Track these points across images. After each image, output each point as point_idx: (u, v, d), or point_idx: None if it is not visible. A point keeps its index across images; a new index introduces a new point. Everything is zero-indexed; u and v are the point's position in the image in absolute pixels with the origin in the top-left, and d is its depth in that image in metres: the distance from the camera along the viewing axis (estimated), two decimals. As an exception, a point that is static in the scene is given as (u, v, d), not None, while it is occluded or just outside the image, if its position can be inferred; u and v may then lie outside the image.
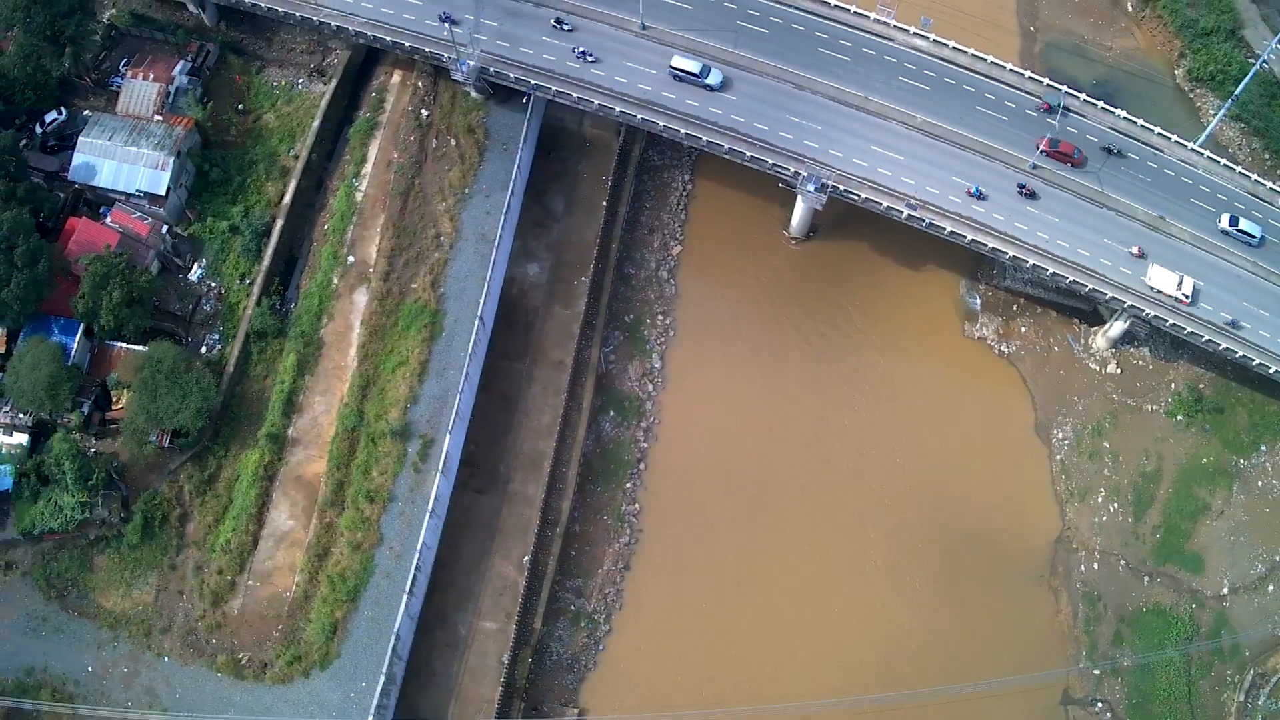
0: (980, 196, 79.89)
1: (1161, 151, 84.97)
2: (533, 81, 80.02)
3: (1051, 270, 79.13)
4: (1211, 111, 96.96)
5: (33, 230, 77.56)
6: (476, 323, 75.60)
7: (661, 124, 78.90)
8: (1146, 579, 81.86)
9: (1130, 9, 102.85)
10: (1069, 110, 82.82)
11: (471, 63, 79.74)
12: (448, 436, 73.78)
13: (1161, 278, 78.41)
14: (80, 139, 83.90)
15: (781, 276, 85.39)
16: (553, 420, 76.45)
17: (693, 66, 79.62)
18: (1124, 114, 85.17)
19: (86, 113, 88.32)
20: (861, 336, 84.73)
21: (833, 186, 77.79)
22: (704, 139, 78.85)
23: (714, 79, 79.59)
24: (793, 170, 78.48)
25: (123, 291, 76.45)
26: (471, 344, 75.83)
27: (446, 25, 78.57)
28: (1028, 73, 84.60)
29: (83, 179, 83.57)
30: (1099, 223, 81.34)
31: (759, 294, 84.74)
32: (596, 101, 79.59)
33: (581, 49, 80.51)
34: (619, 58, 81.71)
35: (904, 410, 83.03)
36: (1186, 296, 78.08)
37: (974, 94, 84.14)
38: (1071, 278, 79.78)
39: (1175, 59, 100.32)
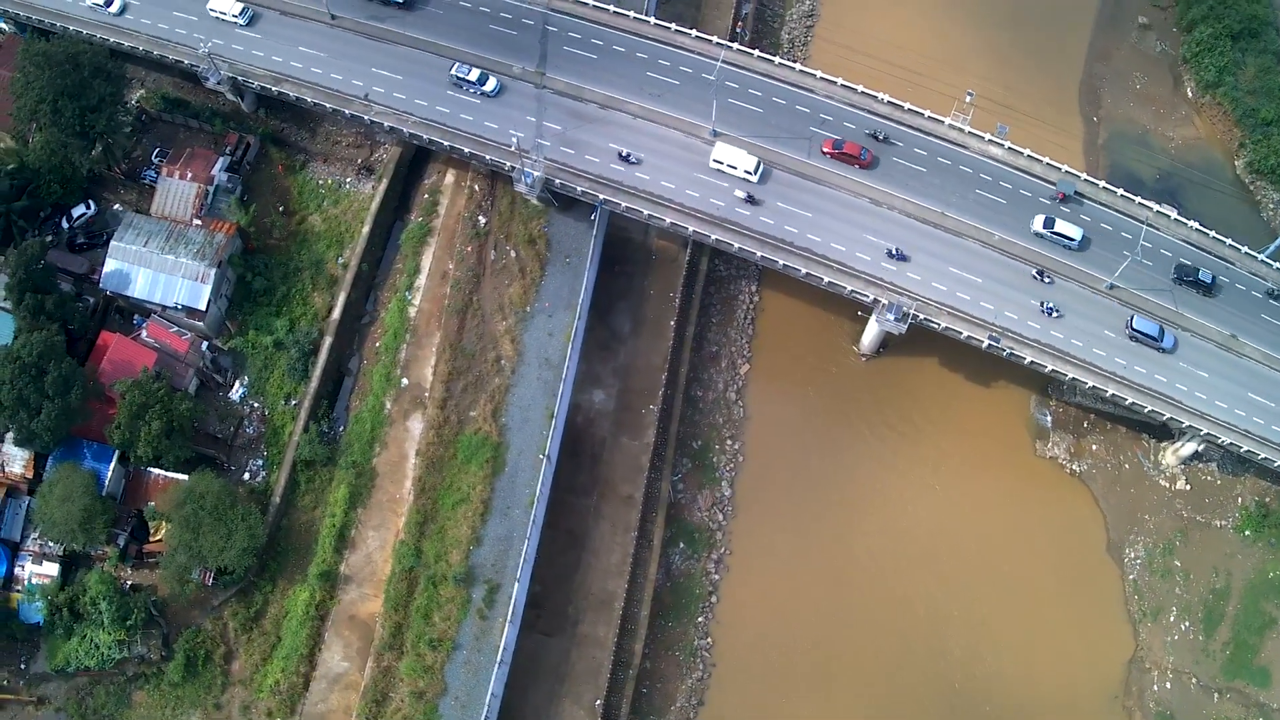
0: (1054, 314, 76.74)
1: (1233, 265, 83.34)
2: (601, 197, 75.65)
3: (1131, 400, 76.41)
4: (1271, 206, 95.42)
5: (64, 353, 72.65)
6: (545, 463, 71.87)
7: (737, 245, 75.04)
8: (1216, 695, 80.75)
9: (1190, 95, 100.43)
10: (1146, 223, 79.02)
11: (536, 173, 75.22)
12: (516, 584, 70.14)
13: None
14: (113, 244, 78.54)
15: (851, 394, 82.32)
16: (623, 559, 73.15)
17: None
18: (1196, 225, 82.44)
19: (117, 207, 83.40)
20: (934, 456, 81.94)
21: (913, 315, 75.38)
22: (780, 262, 75.15)
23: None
24: (871, 297, 75.47)
25: (162, 422, 71.79)
26: (539, 487, 71.80)
27: (516, 145, 73.64)
28: (1064, 167, 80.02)
29: (115, 288, 78.39)
30: (1182, 348, 78.21)
31: (828, 413, 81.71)
32: (669, 219, 75.47)
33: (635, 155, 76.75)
34: (689, 168, 77.68)
35: (977, 533, 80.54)
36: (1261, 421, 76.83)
37: (1050, 209, 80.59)
38: (1150, 407, 78.19)
39: (1236, 149, 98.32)
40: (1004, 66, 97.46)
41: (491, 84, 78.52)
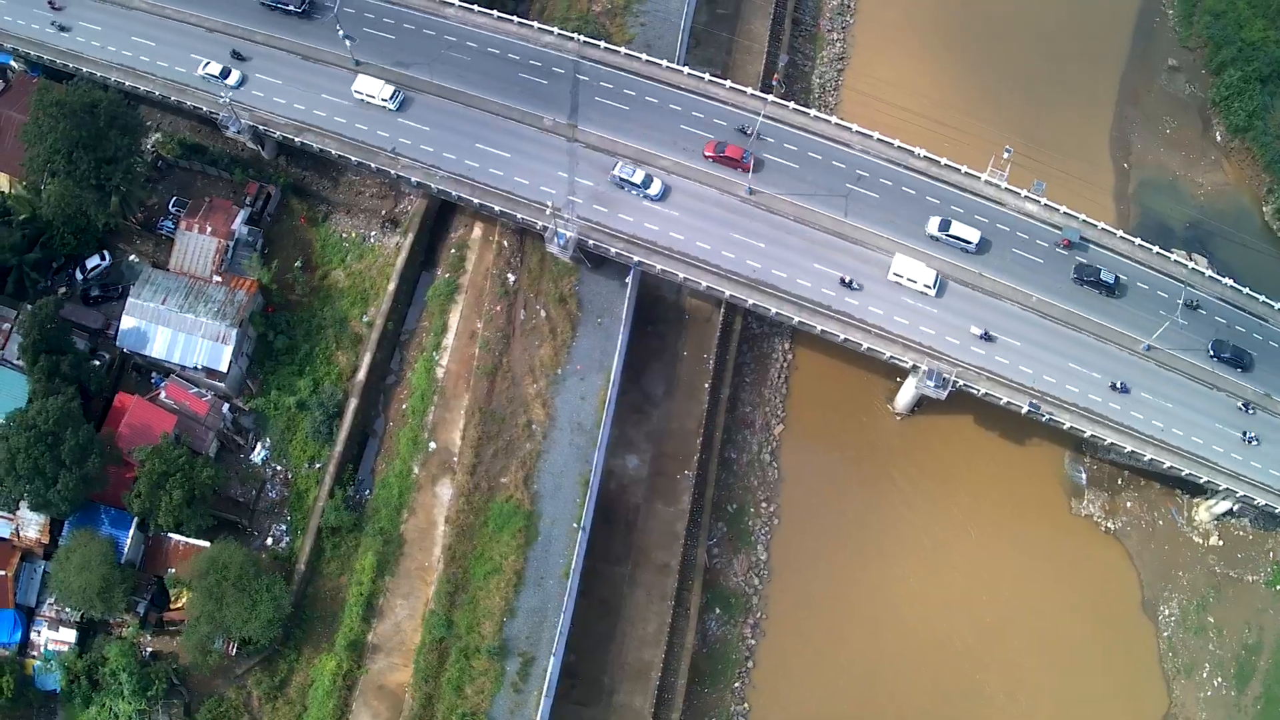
0: (1091, 374, 75.95)
1: (1266, 322, 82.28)
2: (636, 258, 73.81)
3: (1169, 464, 75.42)
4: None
5: (81, 420, 70.20)
6: (581, 534, 70.35)
7: (775, 310, 73.41)
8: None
9: (1219, 139, 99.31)
10: (1190, 289, 77.77)
11: (569, 234, 73.22)
12: (551, 658, 68.58)
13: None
14: (129, 300, 75.97)
15: (886, 454, 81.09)
16: (659, 628, 71.66)
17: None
18: (1231, 283, 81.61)
19: (133, 258, 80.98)
20: (970, 516, 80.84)
21: (954, 381, 74.06)
22: (818, 328, 73.65)
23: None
24: (910, 363, 74.30)
25: (184, 491, 69.63)
26: (574, 559, 70.10)
27: (549, 207, 71.51)
28: (1082, 215, 78.75)
29: (133, 347, 75.98)
30: (1203, 403, 77.81)
31: (863, 473, 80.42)
32: (705, 283, 73.68)
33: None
34: (725, 227, 75.94)
35: (1014, 592, 79.73)
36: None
37: (1084, 261, 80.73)
38: (1188, 470, 77.36)
39: (1264, 195, 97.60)
40: (1035, 110, 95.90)
41: (656, 187, 74.79)
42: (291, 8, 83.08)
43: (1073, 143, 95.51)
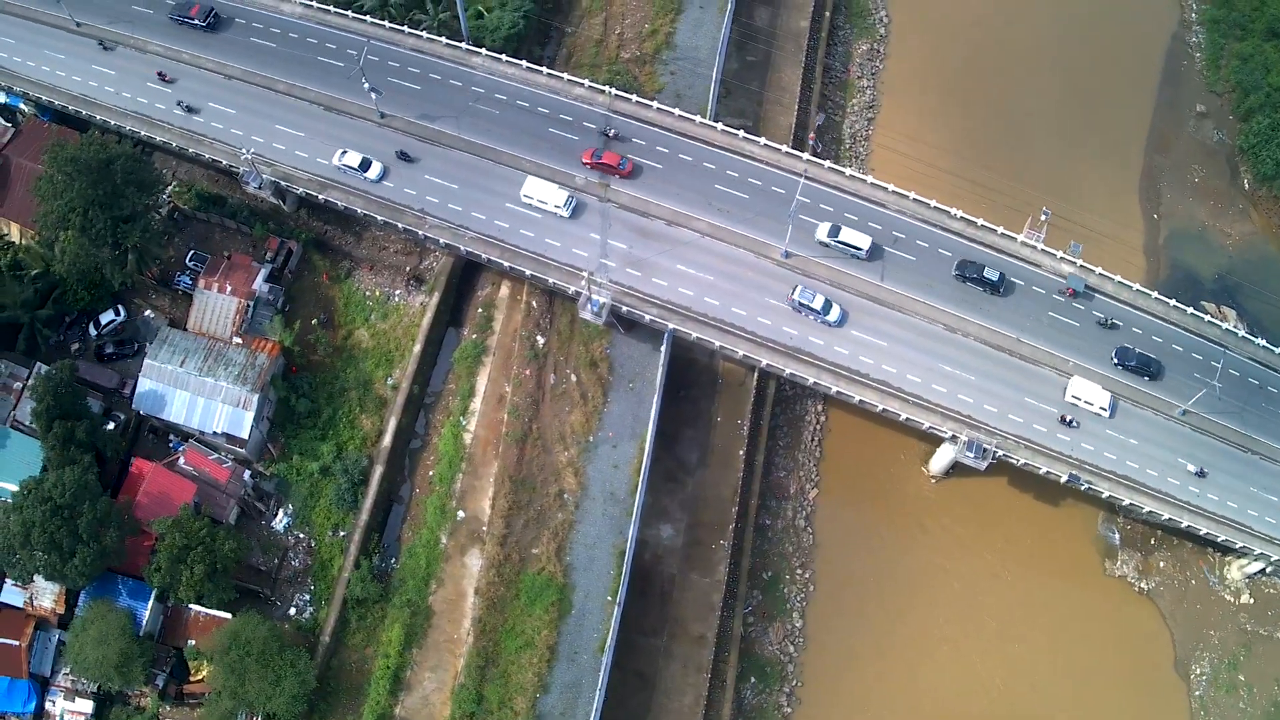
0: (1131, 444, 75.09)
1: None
2: (671, 325, 72.02)
3: (1205, 530, 74.77)
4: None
5: (99, 492, 67.94)
6: (616, 608, 68.78)
7: (812, 380, 71.85)
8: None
9: (1247, 187, 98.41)
10: (1221, 344, 77.25)
11: (602, 299, 71.35)
12: (586, 737, 68.03)
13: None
14: (146, 362, 73.61)
15: (920, 515, 79.85)
16: (695, 700, 70.08)
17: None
18: (1264, 343, 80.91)
19: (149, 314, 78.43)
20: (1006, 579, 79.72)
21: (993, 452, 72.98)
22: (856, 398, 72.14)
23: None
24: (950, 433, 72.91)
25: (205, 565, 67.32)
26: (610, 635, 68.35)
27: (585, 275, 69.80)
28: (1079, 261, 77.60)
29: (149, 410, 73.66)
30: (1239, 467, 76.65)
31: (898, 537, 79.20)
32: (741, 351, 72.07)
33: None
34: (760, 292, 74.26)
35: (1050, 655, 78.72)
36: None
37: (1121, 330, 78.68)
38: (1224, 536, 76.68)
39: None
40: (1064, 160, 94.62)
41: (835, 314, 72.34)
42: (197, 22, 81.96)
43: (1102, 194, 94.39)
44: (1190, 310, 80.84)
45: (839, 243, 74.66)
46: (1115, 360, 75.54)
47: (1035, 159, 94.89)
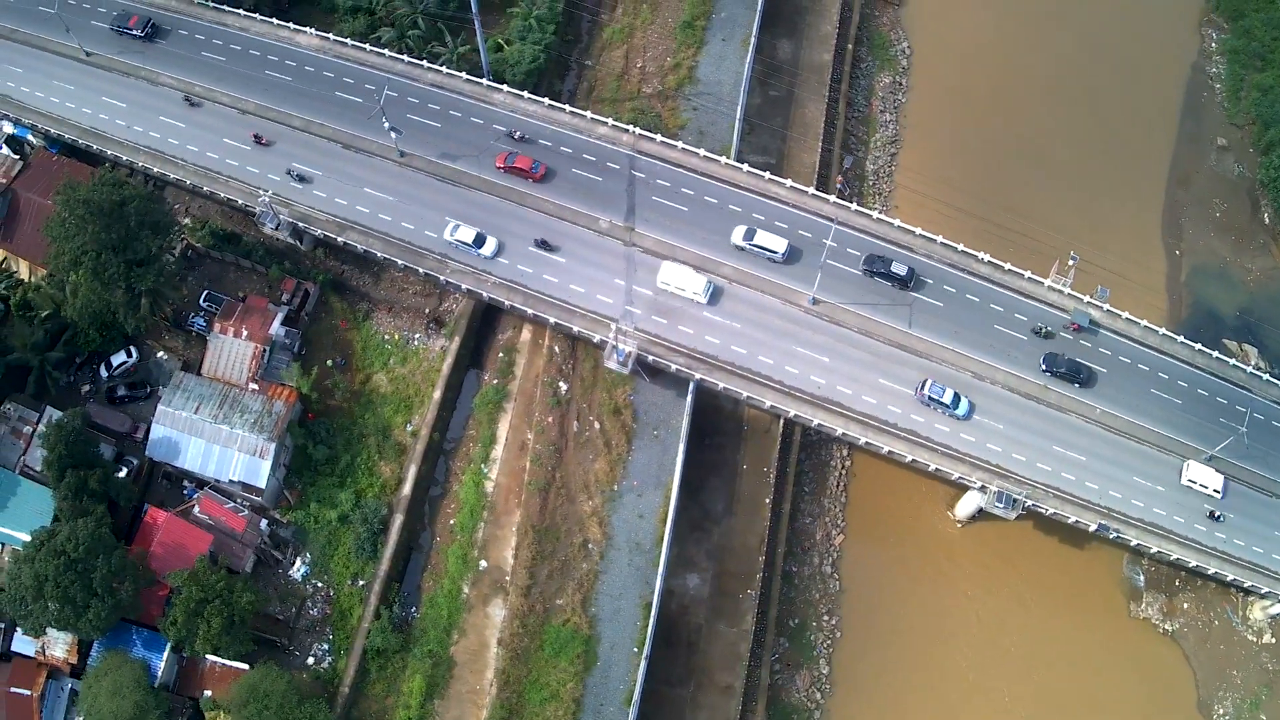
0: (1157, 489, 74.34)
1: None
2: (698, 375, 70.77)
3: (1232, 577, 74.53)
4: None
5: (113, 544, 66.32)
6: (643, 662, 67.63)
7: (840, 430, 70.88)
8: None
9: (1268, 221, 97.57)
10: (1247, 388, 76.61)
11: (628, 348, 70.17)
12: (612, 793, 67.01)
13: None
14: (160, 408, 71.99)
15: (946, 560, 78.99)
16: (721, 753, 70.18)
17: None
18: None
19: (161, 355, 76.63)
20: (1032, 621, 79.09)
21: (1023, 503, 72.09)
22: (886, 448, 71.10)
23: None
24: (979, 484, 72.06)
25: (222, 619, 65.96)
26: (636, 688, 67.30)
27: (613, 325, 68.56)
28: (1087, 296, 77.14)
29: (163, 457, 72.13)
30: (1269, 512, 76.08)
31: (924, 581, 78.39)
32: (769, 401, 71.04)
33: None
34: (789, 340, 72.92)
35: (1075, 695, 77.99)
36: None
37: (1148, 374, 77.93)
38: (1250, 583, 76.15)
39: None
40: (1086, 196, 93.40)
41: (963, 406, 71.19)
42: (136, 32, 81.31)
43: (1125, 231, 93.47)
44: (1216, 354, 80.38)
45: (754, 245, 73.89)
46: (1044, 367, 74.38)
47: (1057, 195, 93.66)
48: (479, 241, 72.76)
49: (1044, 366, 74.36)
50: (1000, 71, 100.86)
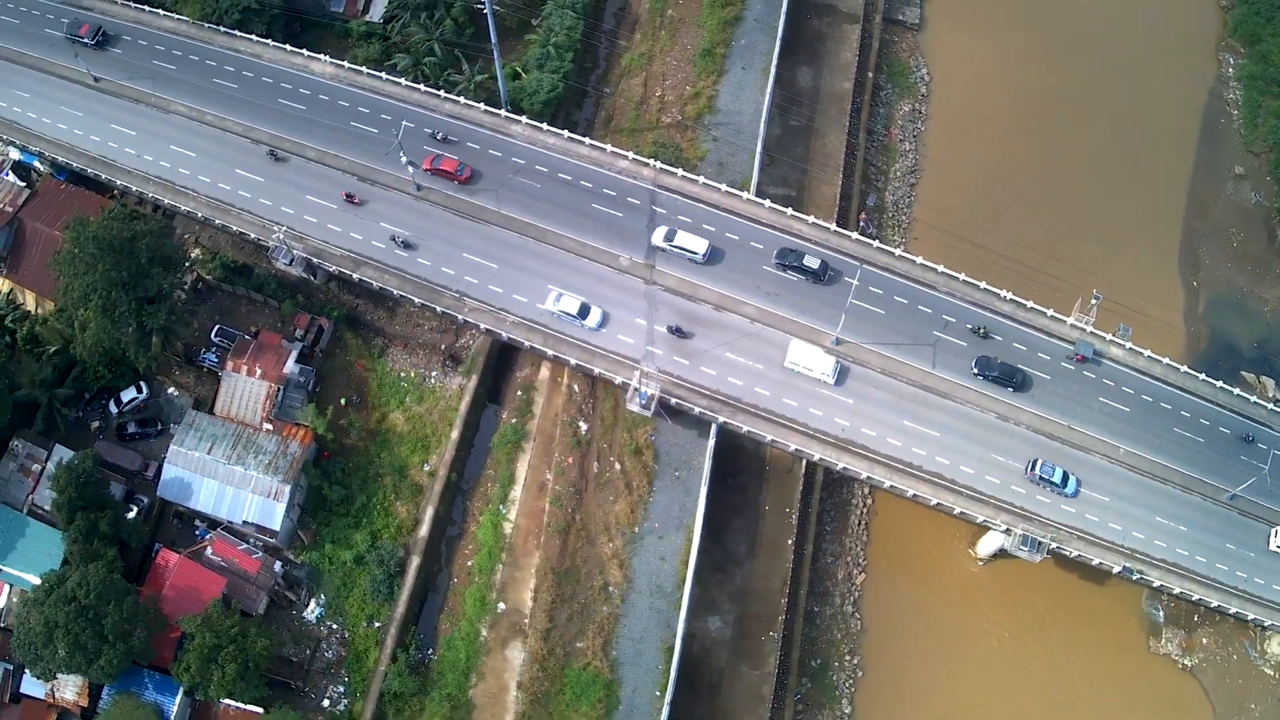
0: (1181, 528, 73.89)
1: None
2: (721, 418, 69.71)
3: (1253, 616, 73.64)
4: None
5: (125, 589, 65.01)
6: (666, 706, 66.54)
7: (865, 474, 69.98)
8: None
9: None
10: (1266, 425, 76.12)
11: (650, 391, 69.12)
12: (634, 842, 66.17)
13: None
14: (172, 448, 70.67)
15: (967, 597, 78.33)
16: (742, 800, 69.41)
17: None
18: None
19: (172, 391, 75.18)
20: (1052, 658, 78.23)
21: (1048, 545, 71.54)
22: (911, 492, 70.15)
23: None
24: (1004, 526, 71.33)
25: (237, 664, 64.64)
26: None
27: (638, 370, 67.33)
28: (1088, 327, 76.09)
29: (175, 498, 70.78)
30: None
31: (945, 619, 77.57)
32: (793, 445, 69.95)
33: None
34: (811, 381, 70.96)
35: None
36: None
37: (1170, 412, 77.21)
38: (1270, 621, 75.66)
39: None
40: (1104, 226, 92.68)
41: (1072, 485, 70.62)
42: (86, 40, 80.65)
43: (1143, 261, 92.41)
44: (1237, 391, 79.71)
45: (674, 246, 73.08)
46: (975, 370, 73.16)
47: (1073, 225, 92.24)
48: (583, 312, 70.08)
49: (975, 370, 72.88)
50: (1017, 97, 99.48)
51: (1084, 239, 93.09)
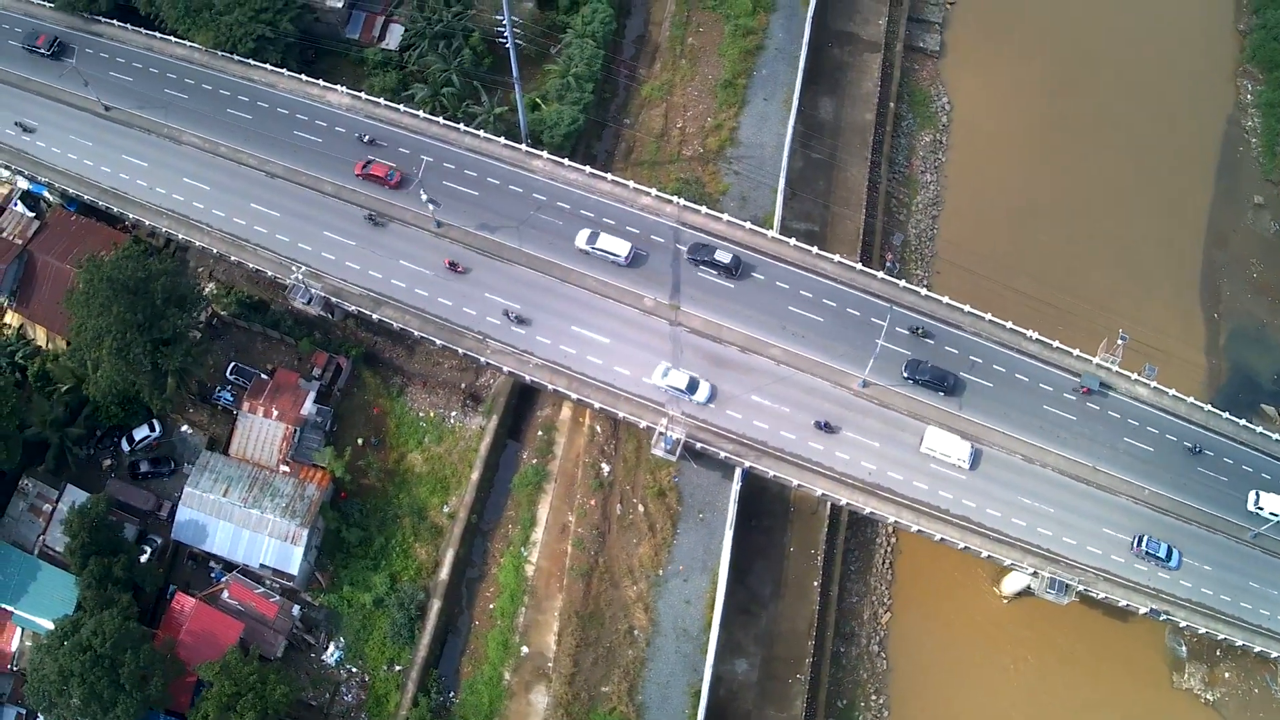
0: (1204, 568, 73.21)
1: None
2: (748, 463, 68.81)
3: (1276, 655, 73.60)
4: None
5: (140, 638, 63.79)
6: (691, 758, 66.51)
7: (893, 518, 69.14)
8: None
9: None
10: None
11: (676, 435, 68.19)
12: None
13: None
14: (187, 490, 69.38)
15: (992, 634, 77.87)
16: (769, 843, 68.76)
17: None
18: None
19: (185, 429, 73.81)
20: (1077, 695, 77.74)
21: (1075, 588, 70.73)
22: (938, 535, 69.21)
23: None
24: (1032, 570, 70.81)
25: (256, 713, 63.29)
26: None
27: (665, 416, 66.47)
28: (1095, 358, 75.57)
29: (189, 541, 69.72)
30: None
31: (971, 656, 77.19)
32: (820, 490, 69.12)
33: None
34: (842, 425, 70.14)
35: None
36: None
37: (1191, 452, 77.34)
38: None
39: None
40: (1123, 258, 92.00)
41: (1175, 558, 70.45)
42: (43, 51, 79.95)
43: (1163, 292, 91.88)
44: (1260, 429, 79.01)
45: (597, 249, 72.27)
46: (905, 374, 71.97)
47: (1095, 258, 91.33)
48: (692, 387, 68.32)
49: (905, 374, 71.58)
50: (1035, 124, 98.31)
51: (1105, 270, 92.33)
